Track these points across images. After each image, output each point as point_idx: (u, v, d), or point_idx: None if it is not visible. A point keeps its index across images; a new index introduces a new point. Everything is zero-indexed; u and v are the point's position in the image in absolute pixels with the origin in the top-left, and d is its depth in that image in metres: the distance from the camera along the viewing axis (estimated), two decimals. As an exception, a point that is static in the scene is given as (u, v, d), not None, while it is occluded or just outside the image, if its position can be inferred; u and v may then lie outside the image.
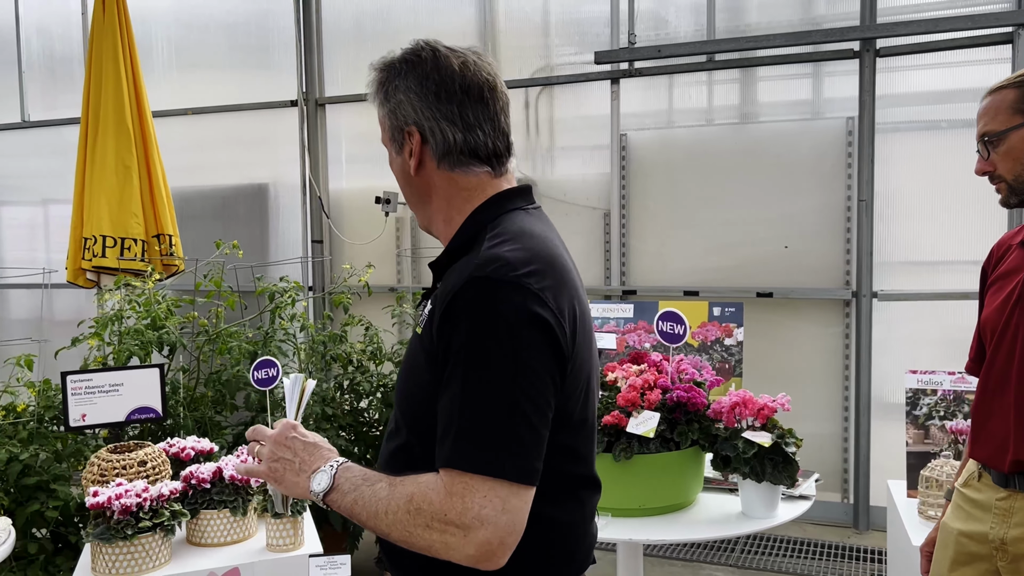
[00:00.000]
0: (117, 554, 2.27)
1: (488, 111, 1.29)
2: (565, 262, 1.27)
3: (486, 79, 1.28)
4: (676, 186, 4.64)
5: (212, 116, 5.62)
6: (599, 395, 1.47)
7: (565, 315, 1.18)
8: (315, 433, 1.39)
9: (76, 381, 2.70)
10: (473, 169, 1.30)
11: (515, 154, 1.37)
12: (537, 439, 1.14)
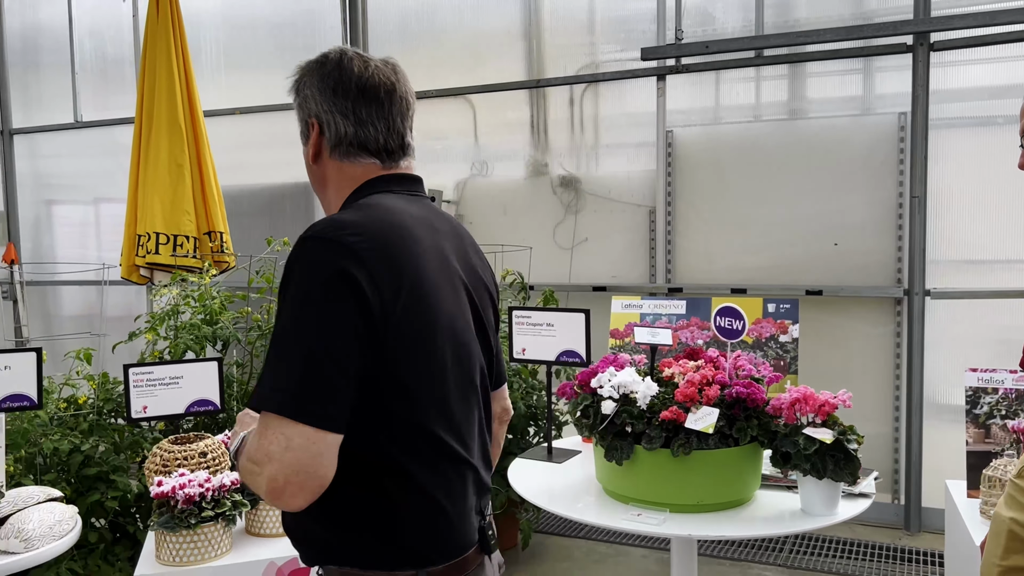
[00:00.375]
0: (180, 543, 2.31)
1: (383, 111, 1.40)
2: (413, 233, 1.32)
3: (383, 82, 1.40)
4: (723, 183, 4.60)
5: (259, 116, 5.70)
6: (493, 382, 1.52)
7: (385, 279, 1.22)
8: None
9: (138, 374, 2.75)
10: (361, 160, 1.39)
11: (412, 155, 1.46)
12: (329, 387, 1.18)
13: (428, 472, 1.30)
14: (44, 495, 2.40)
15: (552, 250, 5.01)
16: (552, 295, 4.09)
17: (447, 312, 1.33)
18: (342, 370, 1.19)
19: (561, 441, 3.02)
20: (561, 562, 4.02)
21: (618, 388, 2.31)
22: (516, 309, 2.86)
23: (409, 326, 1.25)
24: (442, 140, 5.31)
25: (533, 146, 5.10)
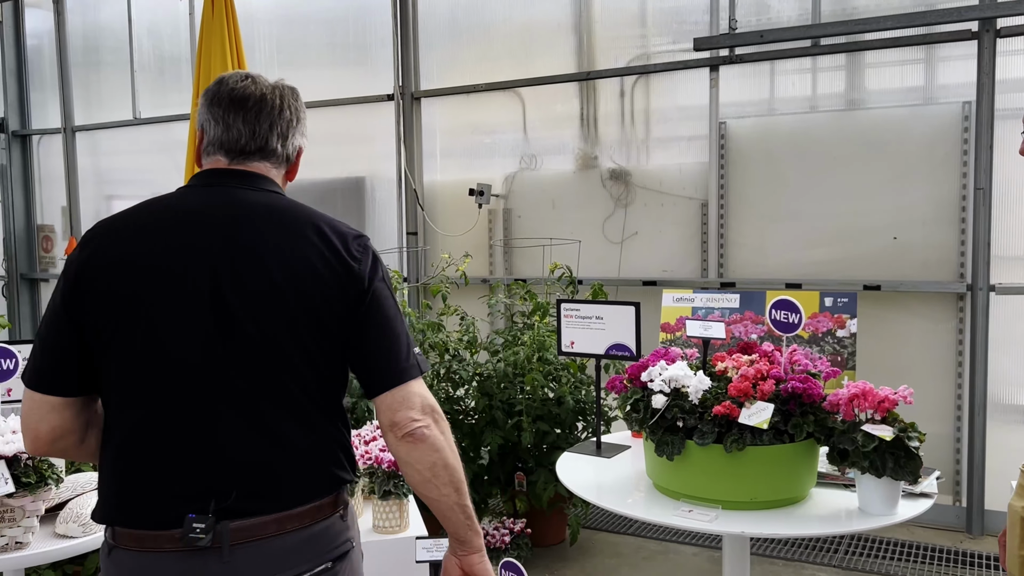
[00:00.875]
0: (233, 530, 2.34)
1: (248, 117, 1.55)
2: (139, 221, 1.50)
3: (252, 94, 1.56)
4: (777, 175, 4.51)
5: (312, 111, 5.73)
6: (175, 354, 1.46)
7: (87, 264, 1.45)
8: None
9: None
10: (212, 157, 1.56)
11: (276, 159, 1.59)
12: (40, 355, 1.46)
13: (115, 446, 1.46)
14: (102, 481, 2.45)
15: (601, 244, 4.97)
16: (601, 289, 4.05)
17: (152, 304, 1.43)
18: (49, 343, 1.46)
19: (610, 436, 2.99)
20: (610, 558, 3.99)
21: (669, 382, 2.27)
22: (564, 302, 2.83)
23: (95, 305, 1.43)
24: (491, 134, 5.30)
25: (582, 139, 5.06)
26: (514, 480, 3.91)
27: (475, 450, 3.90)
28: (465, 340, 3.96)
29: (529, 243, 5.07)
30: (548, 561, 3.93)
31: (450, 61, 5.36)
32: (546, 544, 4.07)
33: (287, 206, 1.54)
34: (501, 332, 4.07)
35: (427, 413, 1.47)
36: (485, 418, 3.84)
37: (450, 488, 1.49)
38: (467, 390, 3.94)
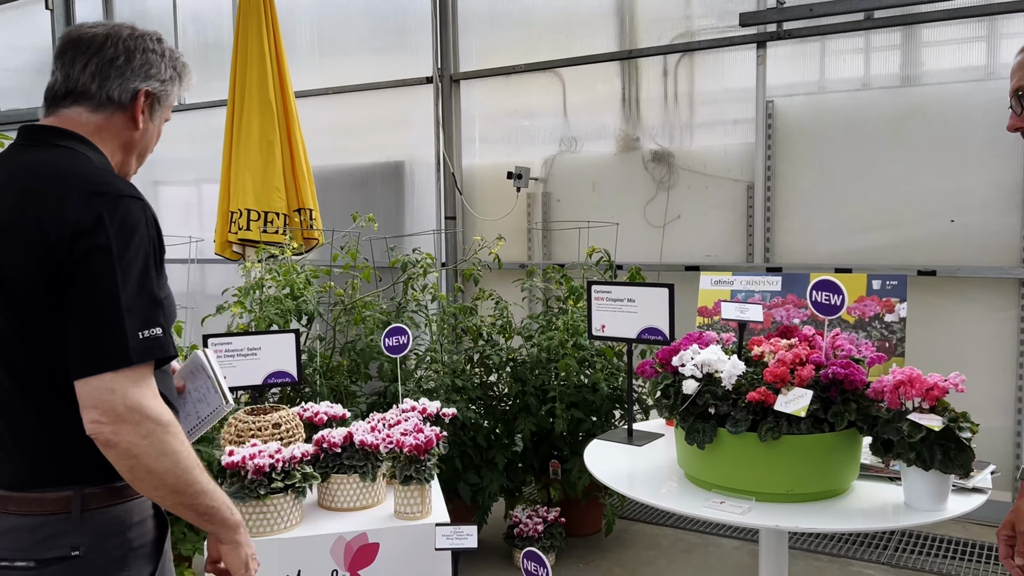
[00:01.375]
0: (250, 513, 2.30)
1: (63, 60, 1.46)
2: None
3: (77, 36, 1.47)
4: (827, 156, 4.31)
5: (352, 96, 5.73)
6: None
7: None
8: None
9: (217, 344, 2.77)
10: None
11: (76, 100, 1.45)
12: None
13: None
14: (123, 460, 2.43)
15: (643, 228, 4.83)
16: (638, 272, 3.93)
17: None
18: None
19: (644, 424, 2.88)
20: (647, 550, 3.88)
21: (701, 367, 2.15)
22: (595, 284, 2.73)
23: None
24: (530, 117, 5.19)
25: (624, 120, 4.92)
26: (548, 468, 3.82)
27: (509, 436, 3.82)
28: (498, 325, 3.88)
29: (566, 226, 4.95)
30: (583, 551, 3.84)
31: (490, 42, 5.26)
32: (581, 534, 3.97)
33: (43, 164, 1.39)
34: (535, 317, 3.98)
35: (114, 417, 1.27)
36: (519, 404, 3.76)
37: (164, 491, 1.33)
38: (500, 375, 3.86)
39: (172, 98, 1.56)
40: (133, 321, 1.31)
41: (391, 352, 2.83)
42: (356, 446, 2.48)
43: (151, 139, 1.56)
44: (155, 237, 1.39)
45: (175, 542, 3.14)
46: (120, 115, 1.48)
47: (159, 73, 1.50)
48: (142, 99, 1.48)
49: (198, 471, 1.37)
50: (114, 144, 1.49)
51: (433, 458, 2.44)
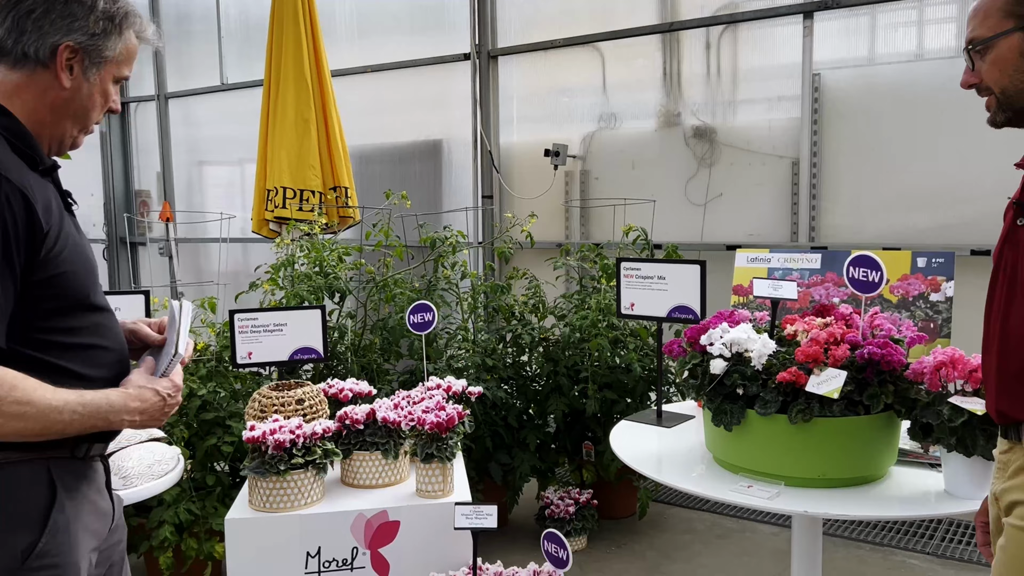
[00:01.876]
0: (271, 488, 2.29)
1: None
2: None
3: None
4: (877, 131, 4.13)
5: (390, 74, 5.69)
6: None
7: None
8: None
9: (243, 320, 2.76)
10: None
11: (3, 56, 1.37)
12: None
13: None
14: (147, 435, 2.45)
15: (683, 206, 4.71)
16: (675, 251, 3.82)
17: None
18: None
19: (676, 405, 2.80)
20: (682, 535, 3.80)
21: (730, 345, 2.06)
22: (624, 261, 2.64)
23: None
24: (569, 94, 5.09)
25: (665, 96, 4.79)
26: (581, 449, 3.76)
27: (541, 417, 3.77)
28: (531, 304, 3.82)
29: (602, 204, 4.85)
30: (615, 534, 3.78)
31: (528, 17, 5.16)
32: (614, 516, 3.91)
33: None
34: (568, 296, 3.91)
35: None
36: (551, 384, 3.70)
37: (38, 436, 1.29)
38: (532, 355, 3.80)
39: (111, 52, 1.41)
40: None
41: (416, 329, 2.79)
42: (379, 423, 2.45)
43: (89, 101, 1.41)
44: (12, 219, 1.27)
45: (206, 516, 3.17)
46: (42, 72, 1.36)
47: (85, 26, 1.37)
48: (64, 54, 1.36)
49: (55, 415, 1.29)
50: (38, 104, 1.38)
51: (456, 436, 2.40)
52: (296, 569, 2.30)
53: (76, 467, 1.41)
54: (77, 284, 1.39)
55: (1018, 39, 1.37)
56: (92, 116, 1.44)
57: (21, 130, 1.36)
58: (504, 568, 2.32)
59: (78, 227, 1.44)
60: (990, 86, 1.42)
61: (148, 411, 1.43)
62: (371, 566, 2.34)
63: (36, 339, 1.35)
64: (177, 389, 1.48)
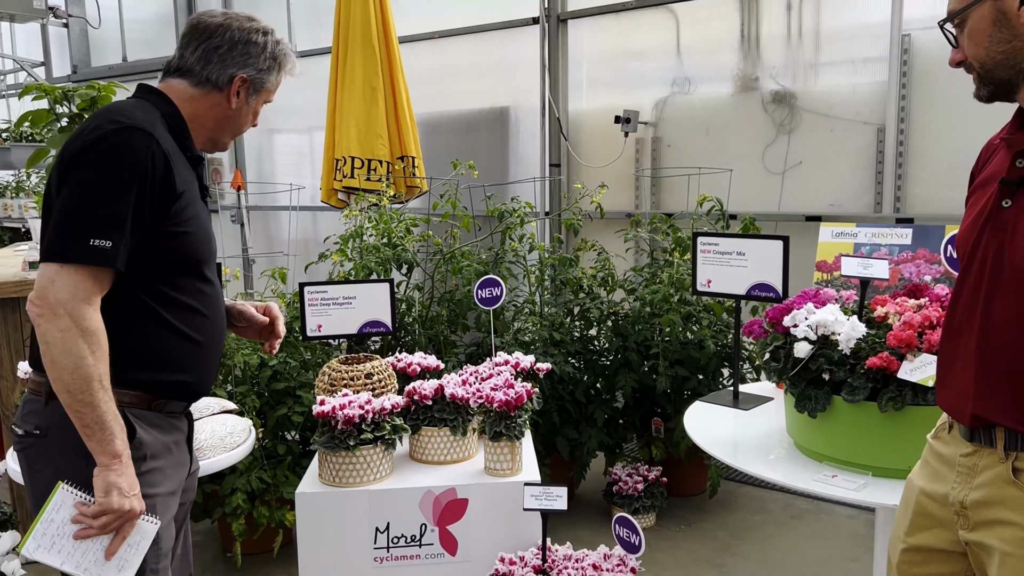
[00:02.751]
0: (340, 463, 2.29)
1: (181, 42, 1.72)
2: None
3: (195, 24, 1.72)
4: (970, 95, 3.87)
5: (457, 39, 5.61)
6: None
7: None
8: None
9: (312, 292, 2.75)
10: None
11: (176, 73, 1.71)
12: None
13: None
14: (219, 407, 2.47)
15: (760, 175, 4.53)
16: (753, 223, 3.68)
17: None
18: None
19: (751, 386, 2.70)
20: (754, 514, 3.71)
21: (816, 328, 1.96)
22: (701, 235, 2.54)
23: None
24: (641, 58, 4.93)
25: (742, 59, 4.60)
26: (650, 426, 3.69)
27: (609, 392, 3.70)
28: (600, 277, 3.73)
29: (676, 173, 4.71)
30: (684, 512, 3.71)
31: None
32: (683, 494, 3.84)
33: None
34: (639, 269, 3.81)
35: (44, 303, 1.45)
36: (619, 360, 3.62)
37: (60, 386, 1.46)
38: (600, 329, 3.73)
39: (270, 84, 1.76)
40: (86, 228, 1.46)
41: (484, 304, 2.75)
42: (447, 399, 2.42)
43: (244, 118, 1.76)
44: (152, 166, 1.52)
45: (277, 484, 3.21)
46: (216, 94, 1.70)
47: (256, 63, 1.71)
48: (237, 83, 1.70)
49: (96, 385, 1.46)
50: (205, 114, 1.70)
51: (525, 414, 2.36)
52: (365, 543, 2.30)
53: (153, 417, 1.63)
54: (195, 250, 1.63)
55: (988, 8, 1.29)
56: (243, 129, 1.78)
57: (180, 119, 1.67)
58: (574, 550, 2.28)
59: (208, 216, 1.73)
60: (971, 61, 1.36)
61: (110, 491, 1.50)
62: (439, 542, 2.33)
63: (150, 286, 1.58)
64: (104, 524, 1.52)
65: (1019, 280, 1.26)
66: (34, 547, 1.44)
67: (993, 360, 1.31)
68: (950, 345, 1.41)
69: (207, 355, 1.71)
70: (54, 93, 3.12)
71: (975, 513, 1.35)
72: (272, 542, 3.26)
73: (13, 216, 6.18)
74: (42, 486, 1.56)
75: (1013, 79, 1.33)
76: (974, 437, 1.37)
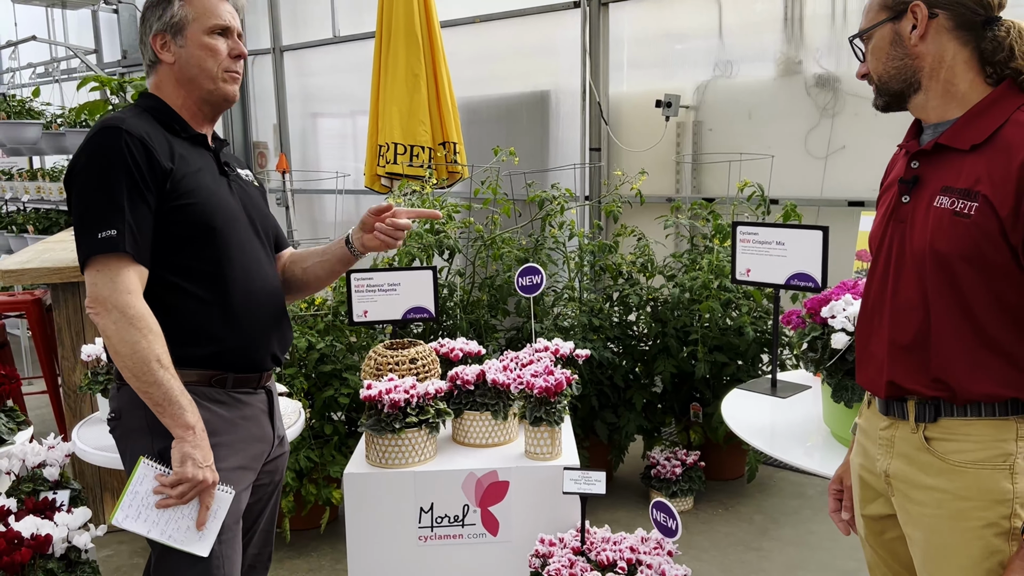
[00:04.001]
0: (386, 445, 2.37)
1: None
2: None
3: None
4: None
5: (498, 23, 5.63)
6: None
7: None
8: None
9: (359, 279, 2.84)
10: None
11: (145, 72, 1.83)
12: None
13: None
14: (270, 389, 2.56)
15: (803, 159, 4.50)
16: (794, 210, 3.67)
17: None
18: None
19: (791, 374, 2.72)
20: (791, 499, 3.73)
21: (853, 320, 1.98)
22: (741, 224, 2.56)
23: None
24: (682, 40, 4.91)
25: (785, 41, 4.56)
26: (689, 410, 3.73)
27: (648, 377, 3.74)
28: (639, 263, 3.76)
29: (716, 159, 4.70)
30: (723, 496, 3.75)
31: None
32: (721, 478, 3.88)
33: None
34: (678, 256, 3.83)
35: (96, 304, 1.59)
36: (658, 345, 3.66)
37: (127, 372, 1.59)
38: (639, 315, 3.76)
39: (180, 15, 1.72)
40: (92, 225, 1.59)
41: (524, 292, 2.80)
42: (488, 384, 2.49)
43: (194, 58, 1.73)
44: (129, 153, 1.61)
45: (324, 463, 3.32)
46: (160, 67, 1.76)
47: (156, 13, 1.74)
48: (158, 42, 1.74)
49: (155, 364, 1.58)
50: (172, 87, 1.76)
51: (564, 400, 2.41)
52: (411, 522, 2.39)
53: (215, 393, 1.73)
54: (204, 218, 1.70)
55: (889, 29, 1.48)
56: (208, 68, 1.73)
57: (163, 107, 1.74)
58: (612, 532, 2.34)
59: (236, 189, 1.81)
60: (872, 74, 1.54)
61: (185, 461, 1.61)
62: (481, 523, 2.41)
63: (171, 261, 1.68)
64: (182, 493, 1.63)
65: (918, 262, 1.44)
66: (123, 517, 1.56)
67: (901, 334, 1.47)
68: (866, 326, 1.58)
69: (244, 320, 1.76)
70: (111, 84, 3.23)
71: (896, 480, 1.52)
72: (319, 519, 3.38)
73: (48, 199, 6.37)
74: (126, 461, 1.72)
75: (905, 91, 1.50)
76: (889, 410, 1.52)
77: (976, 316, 1.39)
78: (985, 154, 1.38)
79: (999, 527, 1.39)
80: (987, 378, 1.39)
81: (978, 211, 1.36)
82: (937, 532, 1.45)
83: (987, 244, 1.36)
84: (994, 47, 1.42)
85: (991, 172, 1.36)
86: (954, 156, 1.43)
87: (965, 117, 1.43)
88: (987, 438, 1.40)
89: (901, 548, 1.59)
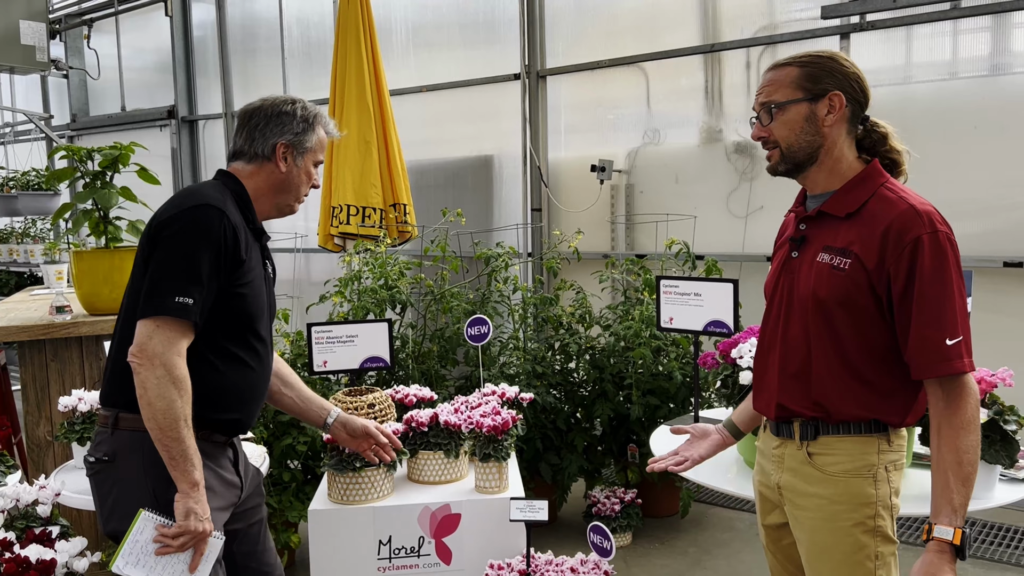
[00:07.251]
0: (347, 483, 2.59)
1: (235, 129, 2.06)
2: None
3: (240, 112, 2.05)
4: (912, 147, 4.21)
5: (444, 92, 5.99)
6: None
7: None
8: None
9: (319, 332, 3.07)
10: None
11: (241, 157, 2.03)
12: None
13: None
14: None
15: (725, 219, 4.91)
16: (715, 265, 4.04)
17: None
18: None
19: (714, 411, 3.03)
20: (722, 532, 4.02)
21: (757, 359, 2.29)
22: (664, 279, 2.89)
23: None
24: (614, 110, 5.33)
25: (707, 112, 5.00)
26: (626, 451, 4.01)
27: (588, 420, 4.02)
28: (578, 314, 4.07)
29: (646, 219, 5.08)
30: (659, 531, 4.01)
31: (575, 37, 5.41)
32: (658, 515, 4.14)
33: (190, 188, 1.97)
34: (613, 307, 4.15)
35: (143, 355, 1.75)
36: (597, 390, 3.95)
37: (153, 424, 1.75)
38: (579, 363, 4.06)
39: (310, 143, 2.01)
40: (173, 288, 1.78)
41: (473, 340, 3.07)
42: (441, 426, 2.73)
43: (299, 179, 2.03)
44: (223, 237, 1.83)
45: (283, 509, 3.49)
46: (268, 164, 1.99)
47: (292, 127, 1.98)
48: (281, 149, 1.98)
49: (183, 424, 1.76)
50: (266, 186, 2.01)
51: (510, 438, 2.67)
52: (370, 555, 2.60)
53: (203, 446, 1.87)
54: (249, 309, 1.93)
55: (805, 107, 1.72)
56: (301, 190, 2.05)
57: (245, 195, 1.99)
58: (554, 557, 2.58)
59: (267, 280, 2.05)
60: (778, 141, 1.77)
61: (189, 515, 1.78)
62: (435, 553, 2.63)
63: (211, 340, 1.87)
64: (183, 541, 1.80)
65: (804, 306, 1.75)
66: (123, 564, 1.73)
67: (789, 365, 1.78)
68: (762, 360, 1.88)
69: (248, 397, 1.98)
70: (79, 153, 3.43)
71: (787, 491, 1.82)
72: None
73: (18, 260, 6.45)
74: (111, 504, 1.85)
75: (806, 163, 1.78)
76: (780, 431, 1.82)
77: (846, 351, 1.72)
78: (857, 221, 1.72)
79: (865, 526, 1.70)
80: (854, 402, 1.71)
81: (851, 266, 1.69)
82: (817, 532, 1.75)
83: (857, 292, 1.69)
84: (870, 135, 1.79)
85: (861, 236, 1.69)
86: (833, 221, 1.76)
87: (842, 190, 1.76)
88: (855, 452, 1.71)
89: (795, 552, 1.88)
